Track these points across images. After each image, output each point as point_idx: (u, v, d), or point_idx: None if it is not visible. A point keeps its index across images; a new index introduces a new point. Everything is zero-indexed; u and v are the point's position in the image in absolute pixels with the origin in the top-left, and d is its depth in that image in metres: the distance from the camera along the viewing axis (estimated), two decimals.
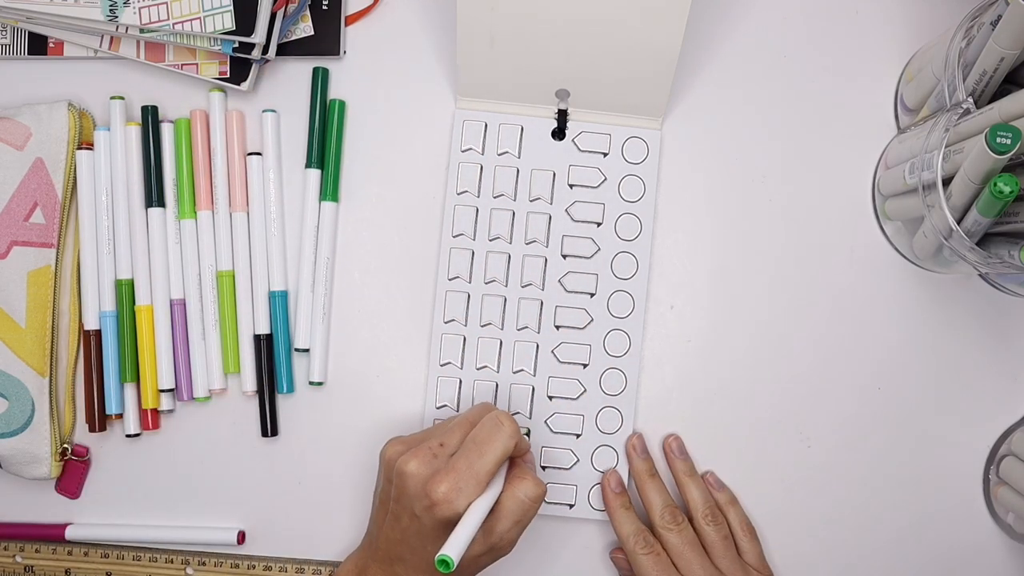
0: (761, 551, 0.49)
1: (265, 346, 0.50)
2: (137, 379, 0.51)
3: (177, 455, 0.51)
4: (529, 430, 0.50)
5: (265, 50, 0.49)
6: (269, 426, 0.51)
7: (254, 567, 0.51)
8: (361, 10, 0.52)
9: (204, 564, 0.51)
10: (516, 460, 0.44)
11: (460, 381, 0.50)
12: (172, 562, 0.51)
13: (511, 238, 0.51)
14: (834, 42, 0.52)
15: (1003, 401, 0.52)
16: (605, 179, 0.51)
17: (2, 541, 0.51)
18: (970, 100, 0.42)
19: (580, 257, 0.51)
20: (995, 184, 0.38)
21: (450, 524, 0.39)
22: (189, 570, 0.51)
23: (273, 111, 0.52)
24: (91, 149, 0.50)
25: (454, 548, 0.37)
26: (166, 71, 0.51)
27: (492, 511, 0.41)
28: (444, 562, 0.36)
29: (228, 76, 0.50)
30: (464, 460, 0.40)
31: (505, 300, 0.50)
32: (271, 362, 0.51)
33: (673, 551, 0.47)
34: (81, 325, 0.51)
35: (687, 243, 0.52)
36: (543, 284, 0.51)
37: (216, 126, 0.51)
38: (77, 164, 0.50)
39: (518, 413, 0.50)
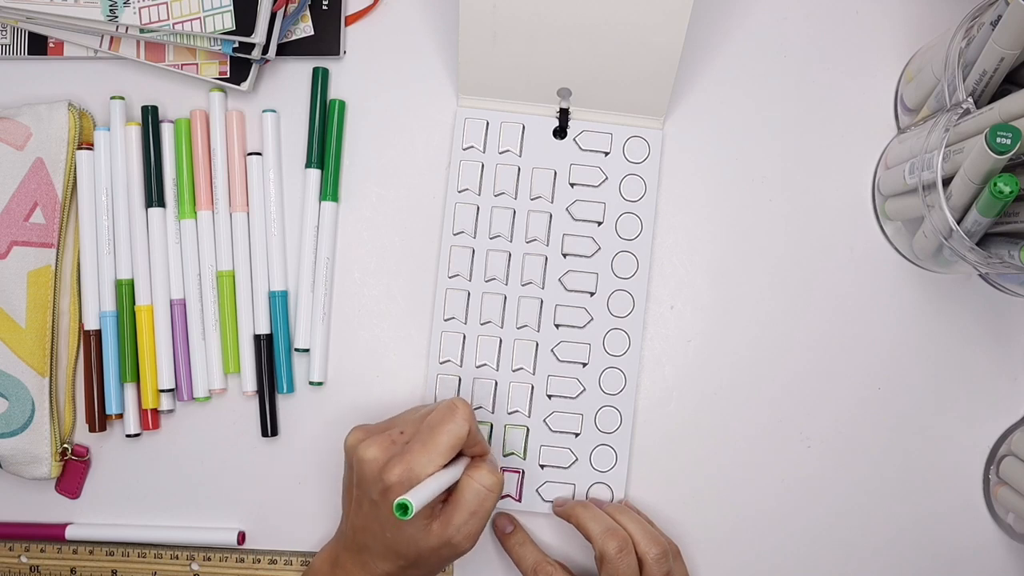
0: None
1: (265, 346, 0.50)
2: (137, 379, 0.51)
3: (177, 455, 0.51)
4: (529, 430, 0.50)
5: (265, 50, 0.49)
6: (269, 426, 0.51)
7: (259, 560, 0.51)
8: (361, 10, 0.52)
9: (209, 559, 0.51)
10: (476, 459, 0.44)
11: (459, 379, 0.50)
12: (177, 558, 0.51)
13: (511, 236, 0.51)
14: (834, 42, 0.52)
15: (1003, 401, 0.51)
16: (606, 178, 0.51)
17: (3, 541, 0.51)
18: (970, 100, 0.42)
19: (580, 256, 0.51)
20: (995, 184, 0.38)
21: None
22: (194, 566, 0.51)
23: (273, 111, 0.52)
24: (91, 149, 0.50)
25: (416, 495, 0.37)
26: (166, 71, 0.51)
27: (449, 501, 0.42)
28: (403, 506, 0.36)
29: (228, 76, 0.50)
30: (418, 444, 0.41)
31: (505, 298, 0.50)
32: (271, 362, 0.50)
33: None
34: (81, 325, 0.51)
35: (687, 243, 0.52)
36: (543, 283, 0.51)
37: (216, 126, 0.51)
38: (77, 164, 0.50)
39: (517, 412, 0.50)
